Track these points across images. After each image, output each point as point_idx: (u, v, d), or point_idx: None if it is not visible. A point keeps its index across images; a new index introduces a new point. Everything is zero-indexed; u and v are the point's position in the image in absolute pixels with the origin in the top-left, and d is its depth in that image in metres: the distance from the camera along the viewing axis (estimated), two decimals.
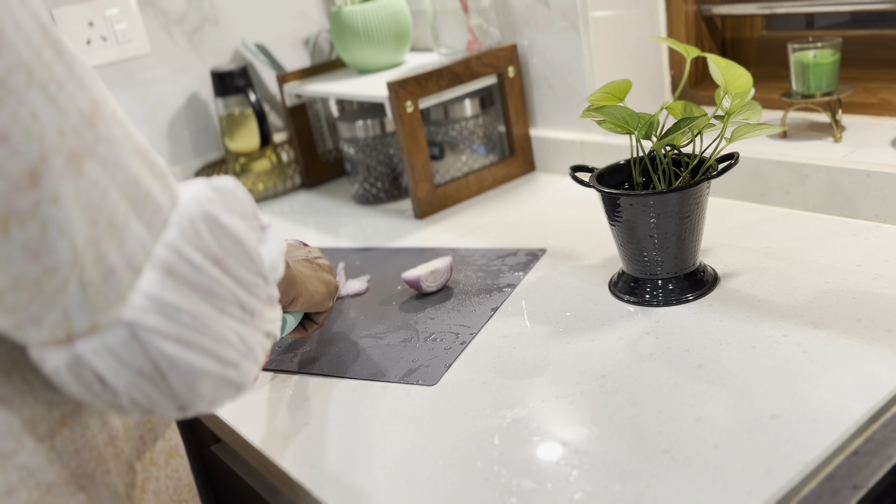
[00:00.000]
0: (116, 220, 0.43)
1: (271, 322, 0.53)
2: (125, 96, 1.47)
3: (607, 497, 0.58)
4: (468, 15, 1.25)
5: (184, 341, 0.45)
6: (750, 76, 0.78)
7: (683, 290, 0.83)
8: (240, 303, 0.49)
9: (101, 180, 0.42)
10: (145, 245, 0.44)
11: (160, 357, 0.44)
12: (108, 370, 0.44)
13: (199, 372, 0.46)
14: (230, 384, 0.49)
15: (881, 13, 1.14)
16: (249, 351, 0.50)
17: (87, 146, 0.42)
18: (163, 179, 0.47)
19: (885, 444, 0.62)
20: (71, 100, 0.42)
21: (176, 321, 0.44)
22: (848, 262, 0.84)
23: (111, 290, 0.43)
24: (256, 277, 0.51)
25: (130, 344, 0.43)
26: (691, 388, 0.68)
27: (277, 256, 0.56)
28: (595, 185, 0.83)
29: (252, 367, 0.50)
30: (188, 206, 0.47)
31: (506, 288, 0.94)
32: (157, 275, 0.44)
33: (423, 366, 0.81)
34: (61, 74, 0.42)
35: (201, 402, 0.48)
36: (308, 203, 1.43)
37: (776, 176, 0.99)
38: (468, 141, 1.30)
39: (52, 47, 0.42)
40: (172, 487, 0.61)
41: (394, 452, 0.68)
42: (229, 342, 0.47)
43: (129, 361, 0.44)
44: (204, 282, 0.46)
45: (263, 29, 1.59)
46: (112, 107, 0.45)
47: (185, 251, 0.46)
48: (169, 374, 0.45)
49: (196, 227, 0.47)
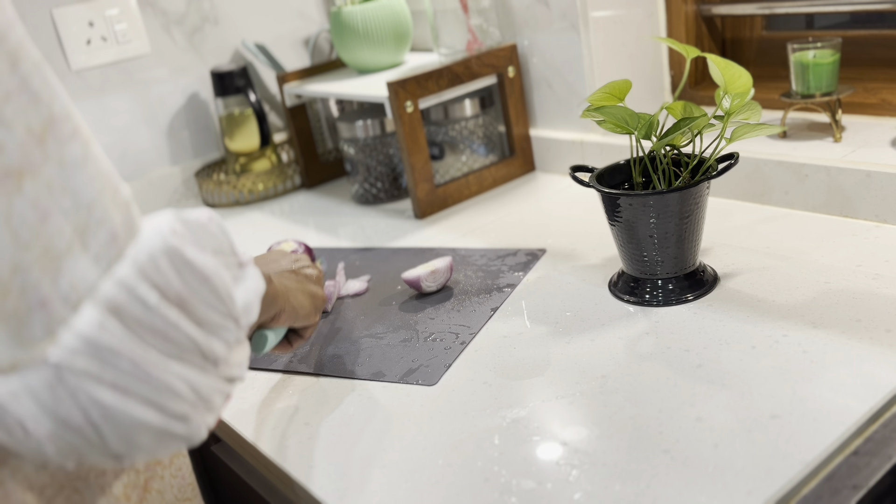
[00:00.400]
0: (55, 247, 0.39)
1: (237, 366, 0.49)
2: (125, 96, 1.47)
3: (607, 497, 0.58)
4: (468, 15, 1.25)
5: (119, 388, 0.40)
6: (750, 76, 0.78)
7: (683, 290, 0.83)
8: (200, 350, 0.44)
9: (43, 202, 0.39)
10: (88, 279, 0.40)
11: (91, 405, 0.40)
12: (28, 416, 0.39)
13: (138, 423, 0.41)
14: (175, 437, 0.44)
15: (881, 13, 1.14)
16: (203, 401, 0.45)
17: (30, 164, 0.39)
18: (125, 209, 0.43)
19: (884, 444, 0.62)
20: (19, 114, 0.39)
21: (112, 366, 0.40)
22: (848, 262, 0.84)
23: (38, 324, 0.38)
24: (225, 319, 0.46)
25: (55, 388, 0.39)
26: (691, 388, 0.68)
27: (253, 297, 0.51)
28: (595, 185, 0.83)
29: (206, 417, 0.46)
30: (149, 238, 0.43)
31: (506, 288, 0.94)
32: (97, 313, 0.40)
33: (423, 366, 0.81)
34: (11, 87, 0.39)
35: (140, 454, 0.43)
36: (308, 203, 1.43)
37: (776, 176, 0.99)
38: (468, 141, 1.30)
39: (6, 59, 0.39)
40: (177, 486, 0.61)
41: (394, 452, 0.68)
42: (176, 393, 0.43)
43: (54, 408, 0.39)
44: (157, 325, 0.42)
45: (263, 29, 1.59)
46: (74, 126, 0.42)
47: (137, 289, 0.41)
48: (102, 425, 0.40)
49: (156, 261, 0.42)
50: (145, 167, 1.52)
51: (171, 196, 1.54)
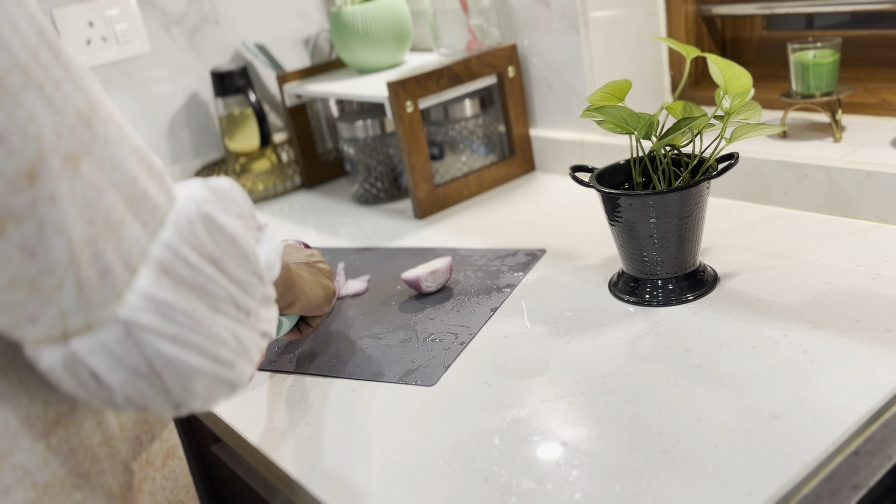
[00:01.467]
0: (113, 219, 0.43)
1: (267, 321, 0.54)
2: (125, 96, 1.47)
3: (607, 497, 0.58)
4: (468, 15, 1.25)
5: (179, 340, 0.45)
6: (750, 76, 0.78)
7: (683, 290, 0.83)
8: (235, 302, 0.49)
9: (98, 180, 0.43)
10: (141, 244, 0.45)
11: (155, 356, 0.44)
12: (104, 368, 0.44)
13: (194, 371, 0.46)
14: (224, 383, 0.49)
15: (881, 13, 1.14)
16: (244, 350, 0.50)
17: (83, 146, 0.42)
18: (160, 179, 0.48)
19: (884, 444, 0.62)
20: (68, 100, 0.42)
21: (171, 320, 0.45)
22: (848, 262, 0.84)
23: (107, 288, 0.43)
24: (252, 277, 0.51)
25: (125, 342, 0.43)
26: (691, 388, 0.68)
27: (274, 256, 0.56)
28: (595, 185, 0.83)
29: (247, 367, 0.50)
30: (185, 205, 0.48)
31: (505, 288, 0.94)
32: (153, 274, 0.44)
33: (422, 366, 0.81)
34: (58, 75, 0.42)
35: (196, 401, 0.48)
36: (308, 203, 1.43)
37: (776, 176, 0.99)
38: (468, 141, 1.30)
39: (48, 49, 0.42)
40: (169, 488, 0.61)
41: (393, 452, 0.68)
42: (224, 341, 0.48)
43: (124, 359, 0.44)
44: (199, 281, 0.46)
45: (263, 29, 1.59)
46: (109, 107, 0.46)
47: (181, 250, 0.46)
48: (163, 373, 0.45)
49: (192, 226, 0.47)
50: None
51: None
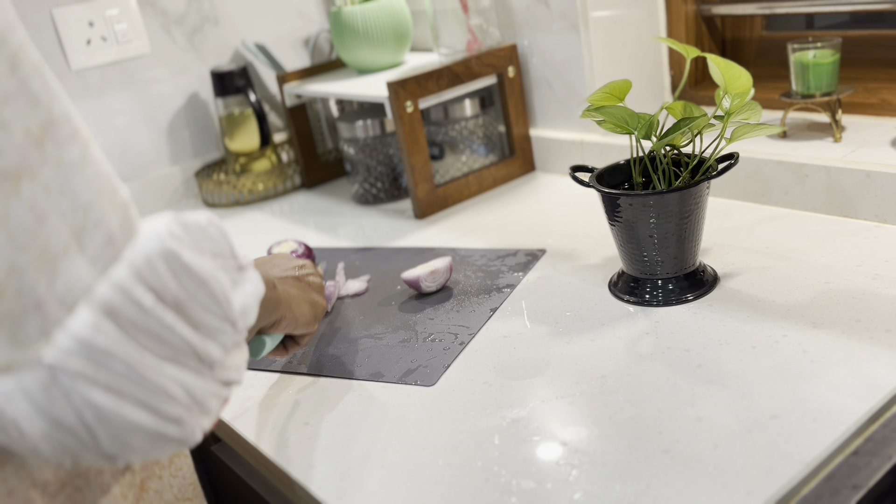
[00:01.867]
0: (51, 249, 0.39)
1: (234, 370, 0.49)
2: (125, 96, 1.47)
3: (607, 497, 0.58)
4: (468, 15, 1.25)
5: (114, 390, 0.40)
6: (750, 76, 0.78)
7: (683, 290, 0.83)
8: (196, 353, 0.44)
9: (40, 204, 0.39)
10: (84, 281, 0.40)
11: (85, 406, 0.40)
12: (23, 416, 0.39)
13: (131, 425, 0.41)
14: (169, 440, 0.44)
15: (881, 13, 1.14)
16: (198, 404, 0.45)
17: (27, 166, 0.39)
18: (122, 211, 0.44)
19: (884, 444, 0.62)
20: (17, 117, 0.39)
21: (106, 368, 0.40)
22: (848, 262, 0.84)
23: (34, 325, 0.39)
24: (222, 323, 0.46)
25: (50, 389, 0.39)
26: (691, 388, 0.68)
27: (251, 301, 0.51)
28: (595, 185, 0.83)
29: (201, 421, 0.46)
30: (146, 241, 0.43)
31: (505, 288, 0.94)
32: (92, 315, 0.40)
33: (422, 366, 0.81)
34: (10, 90, 0.39)
35: (133, 455, 0.44)
36: (308, 203, 1.43)
37: (776, 176, 0.99)
38: (468, 141, 1.30)
39: (5, 62, 0.39)
40: (177, 486, 0.61)
41: (394, 452, 0.68)
42: (172, 396, 0.43)
43: (48, 409, 0.39)
44: (153, 327, 0.42)
45: (263, 29, 1.59)
46: (73, 128, 0.42)
47: (133, 292, 0.41)
48: (95, 426, 0.41)
49: (152, 264, 0.43)
50: (145, 167, 1.51)
51: (171, 196, 1.54)
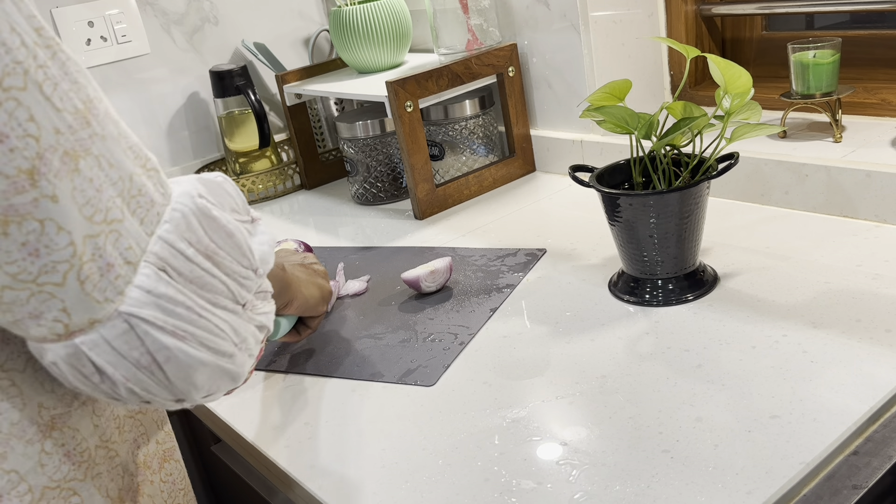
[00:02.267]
0: (112, 216, 0.44)
1: (264, 314, 0.54)
2: (125, 96, 1.47)
3: (607, 497, 0.58)
4: (468, 15, 1.25)
5: (180, 333, 0.46)
6: (750, 76, 0.78)
7: (683, 290, 0.83)
8: (232, 295, 0.50)
9: (97, 177, 0.43)
10: (140, 240, 0.45)
11: (157, 348, 0.45)
12: (107, 362, 0.44)
13: (196, 362, 0.47)
14: (225, 374, 0.49)
15: (881, 13, 1.14)
16: (243, 342, 0.50)
17: (82, 144, 0.43)
18: (155, 175, 0.48)
19: (884, 444, 0.62)
20: (66, 99, 0.42)
21: (172, 313, 0.45)
22: (848, 262, 0.84)
23: (109, 285, 0.43)
24: (247, 270, 0.51)
25: (128, 336, 0.44)
26: (691, 388, 0.68)
27: (267, 249, 0.57)
28: (595, 185, 0.83)
29: (246, 359, 0.51)
30: (180, 200, 0.48)
31: (505, 288, 0.94)
32: (152, 269, 0.45)
33: (422, 366, 0.81)
34: (56, 74, 0.42)
35: (198, 393, 0.48)
36: (308, 203, 1.43)
37: (776, 176, 0.99)
38: (468, 141, 1.29)
39: (46, 48, 0.42)
40: (167, 491, 0.61)
41: (393, 452, 0.68)
42: (224, 333, 0.48)
43: (127, 353, 0.44)
44: (197, 274, 0.47)
45: (263, 29, 1.59)
46: (105, 105, 0.46)
47: (178, 245, 0.46)
48: (166, 366, 0.46)
49: (188, 221, 0.48)
50: None
51: None
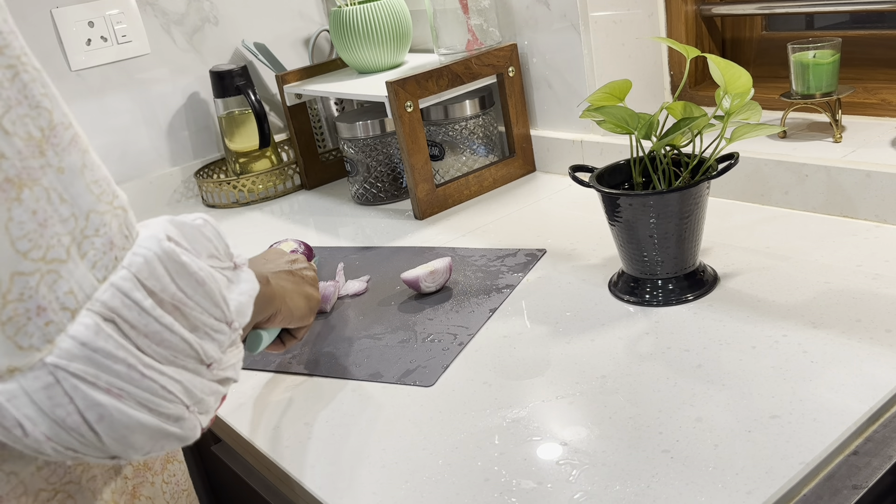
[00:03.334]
0: (53, 254, 0.40)
1: (231, 368, 0.50)
2: (125, 96, 1.47)
3: (607, 497, 0.58)
4: (468, 15, 1.25)
5: (115, 391, 0.41)
6: (750, 76, 0.78)
7: (683, 290, 0.83)
8: (194, 353, 0.45)
9: (42, 210, 0.39)
10: (85, 285, 0.41)
11: (88, 405, 0.40)
12: (26, 417, 0.40)
13: (134, 423, 0.42)
14: (170, 437, 0.45)
15: (881, 13, 1.14)
16: (198, 403, 0.46)
17: (30, 173, 0.39)
18: (122, 215, 0.44)
19: (884, 444, 0.62)
20: (19, 124, 0.39)
21: (107, 370, 0.41)
22: (848, 262, 0.84)
23: (36, 330, 0.39)
24: (219, 323, 0.47)
25: (52, 391, 0.40)
26: (691, 388, 0.68)
27: (246, 300, 0.52)
28: (595, 185, 0.83)
29: (200, 419, 0.47)
30: (144, 244, 0.44)
31: (505, 289, 0.94)
32: (93, 318, 0.41)
33: (421, 367, 0.81)
34: (11, 97, 0.39)
35: (135, 454, 0.44)
36: (308, 203, 1.43)
37: (776, 176, 0.99)
38: (468, 141, 1.29)
39: (7, 68, 0.39)
40: (169, 493, 0.61)
41: (394, 452, 0.68)
42: (172, 395, 0.44)
43: (51, 410, 0.40)
44: (152, 328, 0.43)
45: (263, 29, 1.59)
46: (73, 134, 0.42)
47: (133, 294, 0.42)
48: (98, 425, 0.41)
49: (151, 267, 0.43)
50: (145, 167, 1.51)
51: (171, 196, 1.54)
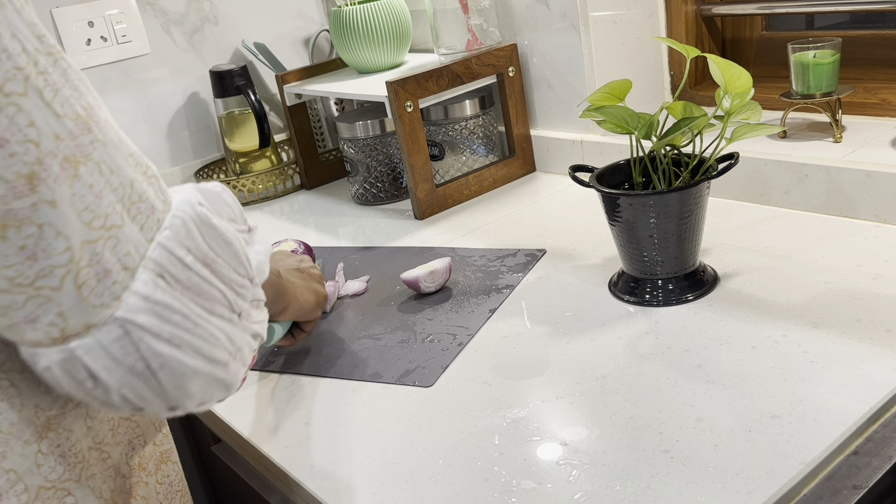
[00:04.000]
0: (111, 222, 0.44)
1: (258, 323, 0.55)
2: (125, 96, 1.47)
3: (607, 497, 0.58)
4: (468, 15, 1.25)
5: (175, 340, 0.46)
6: (750, 76, 0.78)
7: (683, 290, 0.83)
8: (228, 303, 0.50)
9: (97, 183, 0.43)
10: (139, 246, 0.45)
11: (152, 355, 0.45)
12: (101, 368, 0.44)
13: (189, 370, 0.47)
14: (219, 383, 0.50)
15: (881, 13, 1.14)
16: (237, 351, 0.51)
17: (82, 150, 0.43)
18: (156, 183, 0.48)
19: (884, 444, 0.62)
20: (67, 105, 0.42)
21: (167, 321, 0.45)
22: (848, 262, 0.84)
23: (106, 290, 0.43)
24: (243, 279, 0.52)
25: (123, 342, 0.44)
26: (691, 388, 0.68)
27: (263, 259, 0.57)
28: (595, 185, 0.83)
29: (240, 368, 0.51)
30: (181, 207, 0.49)
31: (504, 289, 0.94)
32: (150, 275, 0.45)
33: (420, 367, 0.81)
34: (57, 80, 0.42)
35: (191, 402, 0.49)
36: (308, 203, 1.43)
37: (776, 176, 0.99)
38: (468, 141, 1.29)
39: (48, 55, 0.42)
40: (163, 493, 0.61)
41: (393, 452, 0.68)
42: (218, 341, 0.49)
43: (122, 359, 0.44)
44: (195, 282, 0.47)
45: (263, 29, 1.59)
46: (105, 112, 0.46)
47: (177, 252, 0.47)
48: (160, 373, 0.46)
49: (188, 228, 0.48)
50: None
51: None
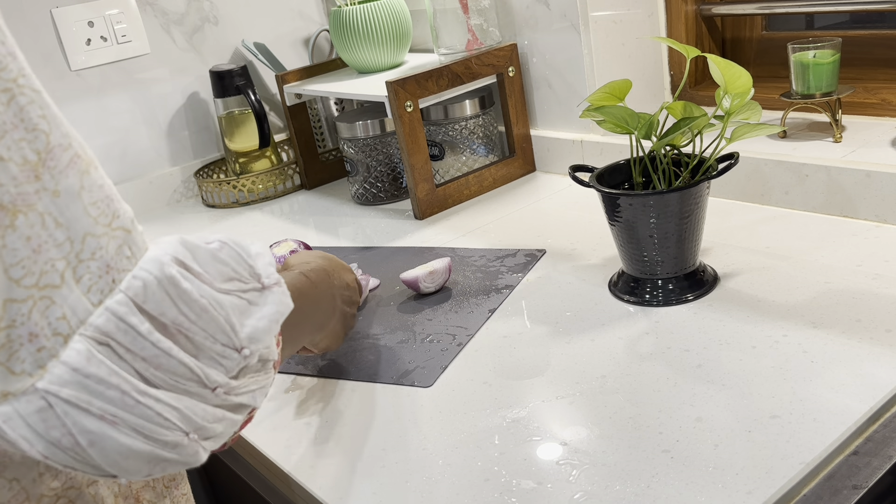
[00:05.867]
0: (47, 280, 0.39)
1: (247, 394, 0.48)
2: (125, 96, 1.47)
3: (607, 497, 0.58)
4: (468, 15, 1.25)
5: (108, 417, 0.40)
6: (750, 76, 0.78)
7: (683, 290, 0.83)
8: (197, 377, 0.44)
9: (37, 237, 0.39)
10: (79, 310, 0.40)
11: (80, 431, 0.40)
12: (20, 437, 0.40)
13: (125, 449, 0.41)
14: (168, 462, 0.44)
15: (881, 13, 1.14)
16: (199, 430, 0.45)
17: (24, 199, 0.38)
18: (122, 236, 0.43)
19: (884, 444, 0.62)
20: (14, 149, 0.38)
21: (100, 395, 0.40)
22: (848, 262, 0.84)
23: (28, 356, 0.39)
24: (226, 349, 0.46)
25: (45, 414, 0.39)
26: (691, 388, 0.68)
27: (266, 325, 0.50)
28: (595, 185, 0.83)
29: (203, 444, 0.45)
30: (145, 267, 0.43)
31: (504, 289, 0.94)
32: (86, 344, 0.40)
33: (419, 367, 0.81)
34: (7, 122, 0.38)
35: (133, 476, 0.43)
36: (308, 203, 1.43)
37: (776, 176, 0.99)
38: (468, 141, 1.29)
39: (3, 92, 0.38)
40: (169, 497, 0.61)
41: (394, 452, 0.68)
42: (168, 422, 0.43)
43: (44, 433, 0.40)
44: (150, 353, 0.42)
45: (263, 29, 1.59)
46: (73, 154, 0.41)
47: (129, 319, 0.41)
48: (89, 449, 0.41)
49: (150, 291, 0.42)
50: (145, 167, 1.51)
51: (171, 196, 1.54)
